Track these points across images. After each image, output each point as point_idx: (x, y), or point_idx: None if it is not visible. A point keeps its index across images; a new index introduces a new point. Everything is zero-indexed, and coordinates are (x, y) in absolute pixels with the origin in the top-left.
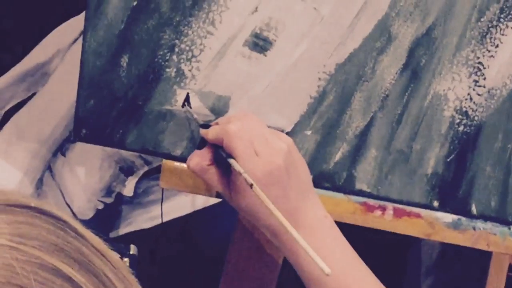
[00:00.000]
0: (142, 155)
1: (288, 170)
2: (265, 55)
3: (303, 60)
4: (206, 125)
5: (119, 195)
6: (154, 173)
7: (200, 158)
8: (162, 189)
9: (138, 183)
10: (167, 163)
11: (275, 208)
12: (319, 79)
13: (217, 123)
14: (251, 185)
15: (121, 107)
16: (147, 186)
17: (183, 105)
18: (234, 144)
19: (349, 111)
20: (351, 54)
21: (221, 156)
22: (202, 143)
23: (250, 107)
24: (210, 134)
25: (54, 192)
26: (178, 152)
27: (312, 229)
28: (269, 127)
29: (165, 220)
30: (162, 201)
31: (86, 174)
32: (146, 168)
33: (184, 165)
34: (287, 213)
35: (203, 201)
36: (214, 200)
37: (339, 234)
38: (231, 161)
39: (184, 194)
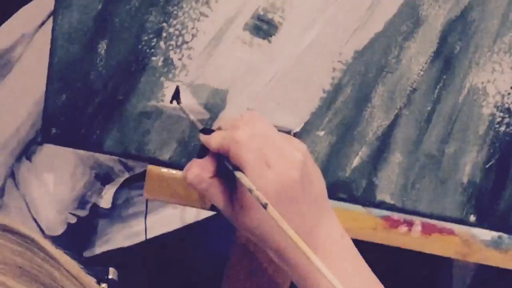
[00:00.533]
0: (123, 160)
1: (303, 184)
2: (269, 41)
3: (315, 47)
4: (208, 130)
5: (95, 207)
6: (136, 181)
7: (201, 169)
8: (146, 200)
9: (117, 193)
10: (152, 169)
11: (291, 230)
12: (334, 69)
13: (220, 128)
14: (264, 205)
15: (98, 102)
16: (128, 197)
17: (171, 101)
18: (243, 155)
19: (369, 108)
20: (371, 39)
21: (226, 168)
22: (203, 151)
23: (251, 103)
24: (213, 141)
25: (17, 204)
26: (165, 156)
27: (328, 251)
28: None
29: (149, 236)
30: (146, 215)
31: (56, 182)
32: (127, 175)
33: (173, 171)
34: (302, 233)
35: (194, 215)
36: (206, 213)
37: (357, 256)
38: (239, 174)
39: (172, 206)
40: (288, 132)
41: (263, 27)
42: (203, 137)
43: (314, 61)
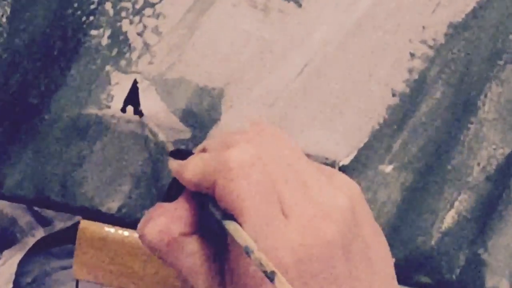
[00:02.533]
0: (35, 208)
1: (348, 250)
2: (299, 5)
3: (376, 16)
4: (183, 153)
5: None
6: (57, 244)
7: (169, 220)
8: (77, 282)
9: (23, 264)
10: (87, 226)
11: None
12: (412, 56)
13: (204, 149)
14: (270, 275)
15: None
16: (42, 271)
17: (124, 108)
18: (240, 191)
19: (473, 125)
20: (481, 3)
21: (211, 217)
22: (173, 189)
23: (263, 114)
24: (191, 171)
25: None
26: (111, 204)
27: None
28: (306, 154)
29: None
30: None
31: None
32: (41, 234)
33: (125, 232)
34: None
35: None
36: None
37: None
38: (231, 225)
39: None
40: (331, 165)
41: None
42: (174, 165)
43: (376, 42)
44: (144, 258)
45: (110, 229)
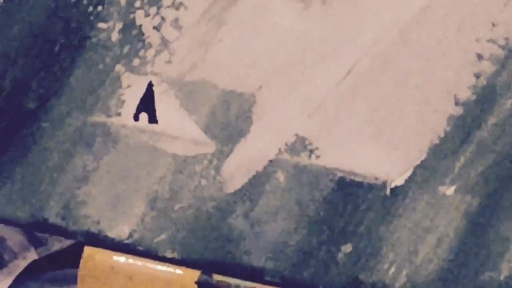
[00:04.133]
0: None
1: None
2: None
3: (438, 10)
4: None
5: None
6: (52, 268)
7: None
8: None
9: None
10: (92, 254)
11: None
12: (479, 57)
13: None
14: None
15: None
16: None
17: (136, 115)
18: None
19: None
20: None
21: None
22: None
23: (303, 125)
24: None
25: None
26: (121, 228)
27: None
28: (352, 173)
29: None
30: None
31: None
32: (33, 256)
33: (137, 262)
34: None
35: None
36: None
37: None
38: None
39: None
40: (382, 186)
41: None
42: None
43: (436, 41)
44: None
45: (119, 258)
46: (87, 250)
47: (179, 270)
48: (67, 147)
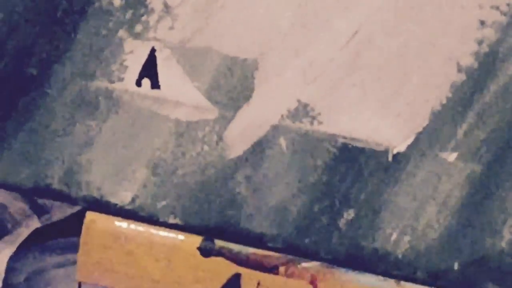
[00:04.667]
0: (32, 196)
1: None
2: None
3: None
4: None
5: None
6: (54, 237)
7: None
8: (79, 285)
9: (14, 258)
10: (94, 219)
11: None
12: (481, 24)
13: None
14: None
15: None
16: (36, 268)
17: (139, 81)
18: None
19: None
20: None
21: None
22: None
23: (305, 90)
24: None
25: None
26: (124, 194)
27: None
28: (354, 140)
29: None
30: None
31: None
32: (37, 225)
33: (139, 228)
34: None
35: None
36: None
37: None
38: None
39: None
40: (384, 153)
41: None
42: None
43: (439, 7)
44: (163, 260)
45: (122, 224)
46: (90, 215)
47: (181, 236)
48: (70, 113)
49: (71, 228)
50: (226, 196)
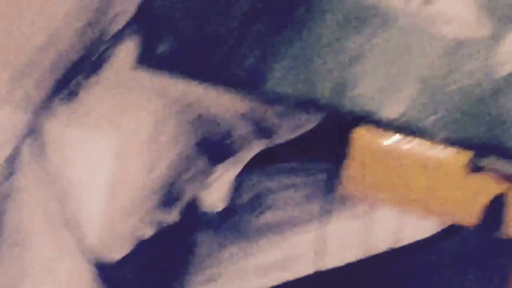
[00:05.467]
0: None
1: None
2: None
3: None
4: None
5: (192, 209)
6: (278, 160)
7: None
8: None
9: (239, 179)
10: (364, 134)
11: None
12: None
13: None
14: None
15: None
16: (261, 191)
17: None
18: None
19: None
20: None
21: None
22: None
23: None
24: None
25: (38, 192)
26: (391, 109)
27: None
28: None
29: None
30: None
31: (119, 152)
32: (260, 147)
33: (407, 145)
34: None
35: (389, 235)
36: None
37: None
38: None
39: (352, 216)
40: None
41: None
42: None
43: None
44: (429, 174)
45: (392, 138)
46: (358, 131)
47: (448, 151)
48: (340, 28)
49: (295, 151)
50: (496, 113)
